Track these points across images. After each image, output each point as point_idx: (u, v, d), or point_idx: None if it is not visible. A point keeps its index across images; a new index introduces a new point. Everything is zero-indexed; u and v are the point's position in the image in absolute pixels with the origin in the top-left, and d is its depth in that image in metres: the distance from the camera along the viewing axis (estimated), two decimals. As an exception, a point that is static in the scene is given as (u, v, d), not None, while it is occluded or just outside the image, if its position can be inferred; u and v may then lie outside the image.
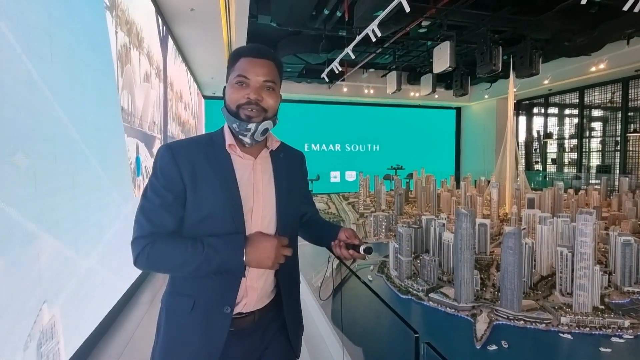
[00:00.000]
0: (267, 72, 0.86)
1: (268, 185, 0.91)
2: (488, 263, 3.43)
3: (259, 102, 0.85)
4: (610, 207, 5.70)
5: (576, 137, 9.02)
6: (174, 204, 0.82)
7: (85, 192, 2.00)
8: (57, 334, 1.63)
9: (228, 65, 0.90)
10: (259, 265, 0.79)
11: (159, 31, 4.09)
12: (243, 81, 0.84)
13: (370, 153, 11.21)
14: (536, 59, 6.25)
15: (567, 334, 2.19)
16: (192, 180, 0.83)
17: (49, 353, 1.55)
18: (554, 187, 5.21)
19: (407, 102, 10.54)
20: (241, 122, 0.84)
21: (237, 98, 0.84)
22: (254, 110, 0.84)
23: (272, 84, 0.87)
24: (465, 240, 2.61)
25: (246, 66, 0.85)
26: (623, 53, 6.44)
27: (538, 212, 3.86)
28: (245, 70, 0.84)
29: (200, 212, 0.83)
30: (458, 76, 7.93)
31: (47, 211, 1.58)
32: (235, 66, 0.86)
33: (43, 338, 1.51)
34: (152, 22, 3.75)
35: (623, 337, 2.14)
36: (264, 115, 0.86)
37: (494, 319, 2.37)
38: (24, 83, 1.43)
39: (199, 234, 0.82)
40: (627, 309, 2.51)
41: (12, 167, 1.34)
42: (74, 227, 1.85)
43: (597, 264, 3.21)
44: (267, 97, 0.86)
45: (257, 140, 0.88)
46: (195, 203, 0.83)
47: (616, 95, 8.05)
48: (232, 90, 0.85)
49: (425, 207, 6.19)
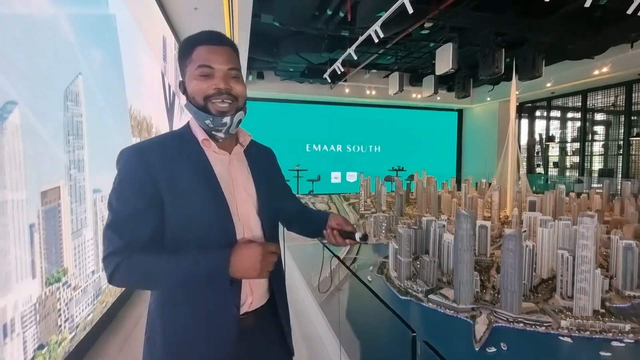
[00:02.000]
0: (230, 60, 0.80)
1: (248, 182, 0.88)
2: (488, 265, 3.41)
3: (230, 91, 0.79)
4: (612, 211, 5.66)
5: (579, 141, 8.98)
6: (147, 211, 0.74)
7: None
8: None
9: (181, 57, 0.82)
10: (244, 276, 0.74)
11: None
12: (207, 72, 0.78)
13: (371, 154, 11.19)
14: (539, 62, 6.24)
15: (567, 338, 2.17)
16: (169, 182, 0.75)
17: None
18: (556, 190, 5.18)
19: (409, 103, 10.52)
20: (215, 118, 0.79)
21: (204, 89, 0.78)
22: (225, 100, 0.78)
23: (236, 71, 0.82)
24: (465, 242, 2.60)
25: (207, 55, 0.78)
26: (626, 57, 6.42)
27: (539, 214, 3.84)
28: (207, 60, 0.78)
29: (182, 215, 0.76)
30: (460, 78, 7.93)
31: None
32: (192, 56, 0.79)
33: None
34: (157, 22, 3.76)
35: (623, 342, 2.12)
36: (236, 105, 0.81)
37: (493, 321, 2.36)
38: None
39: (184, 238, 0.76)
40: (628, 313, 2.49)
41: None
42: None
43: (598, 267, 3.20)
44: (235, 85, 0.80)
45: (231, 134, 0.84)
46: (175, 206, 0.76)
47: (619, 99, 8.01)
48: (195, 83, 0.78)
49: (426, 208, 6.18)
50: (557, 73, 7.69)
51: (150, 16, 3.57)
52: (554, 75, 7.72)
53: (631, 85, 7.64)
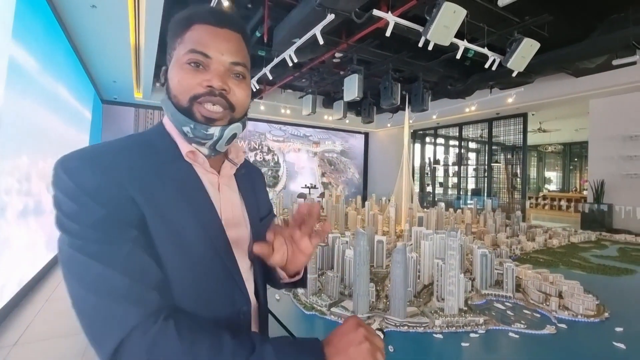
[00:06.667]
0: (236, 50, 0.58)
1: (241, 215, 0.66)
2: (384, 276, 3.84)
3: (225, 94, 0.57)
4: (478, 224, 6.95)
5: (457, 164, 10.82)
6: (140, 239, 0.50)
7: None
8: None
9: (171, 34, 0.60)
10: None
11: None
12: (199, 61, 0.56)
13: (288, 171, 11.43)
14: (426, 97, 7.37)
15: (439, 334, 2.60)
16: (153, 210, 0.52)
17: None
18: (437, 207, 6.15)
19: (322, 124, 11.18)
20: (197, 124, 0.56)
21: (191, 85, 0.56)
22: (216, 106, 0.56)
23: (242, 68, 0.59)
24: (362, 257, 2.91)
25: (204, 38, 0.56)
26: (487, 99, 8.08)
27: (423, 229, 4.50)
28: (203, 45, 0.56)
29: (177, 261, 0.53)
30: (366, 105, 8.81)
31: None
32: (184, 37, 0.57)
33: None
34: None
35: (478, 332, 2.64)
36: (230, 116, 0.59)
37: (384, 327, 2.67)
38: None
39: (178, 287, 0.53)
40: (483, 308, 3.11)
41: None
42: None
43: (465, 272, 3.90)
44: (235, 88, 0.58)
45: (218, 152, 0.61)
46: (167, 247, 0.53)
47: (484, 132, 9.98)
48: (181, 74, 0.56)
49: (335, 225, 6.59)
50: (440, 107, 9.20)
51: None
52: (438, 109, 9.21)
53: (492, 122, 9.62)
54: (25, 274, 3.15)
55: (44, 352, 2.25)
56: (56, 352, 2.26)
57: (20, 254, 2.98)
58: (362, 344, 0.48)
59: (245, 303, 0.62)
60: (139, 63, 5.57)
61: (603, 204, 7.02)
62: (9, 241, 2.71)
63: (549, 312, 2.98)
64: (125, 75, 6.15)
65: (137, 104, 8.41)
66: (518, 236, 5.90)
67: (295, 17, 4.58)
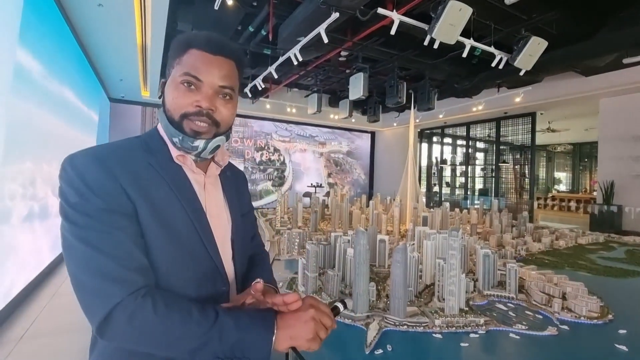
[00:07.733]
0: (225, 75, 0.67)
1: (223, 210, 0.76)
2: (385, 275, 3.83)
3: (211, 114, 0.66)
4: (484, 224, 6.88)
5: (464, 164, 10.70)
6: (130, 228, 0.59)
7: None
8: None
9: (171, 54, 0.69)
10: (296, 344, 0.58)
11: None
12: (192, 82, 0.65)
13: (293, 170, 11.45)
14: (433, 96, 7.32)
15: (438, 334, 2.59)
16: (146, 203, 0.61)
17: None
18: (442, 207, 6.10)
19: (327, 123, 11.16)
20: (185, 137, 0.66)
21: (183, 105, 0.65)
22: (203, 123, 0.66)
23: (230, 90, 0.68)
24: (362, 256, 2.90)
25: (198, 63, 0.65)
26: (495, 98, 7.97)
27: (426, 229, 4.48)
28: (196, 69, 0.65)
29: (167, 246, 0.63)
30: (372, 104, 8.78)
31: None
32: (182, 59, 0.66)
33: None
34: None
35: (478, 333, 2.62)
36: (215, 131, 0.68)
37: (383, 326, 2.67)
38: None
39: (165, 276, 0.62)
40: (484, 308, 3.08)
41: None
42: None
43: (468, 272, 3.87)
44: (221, 107, 0.67)
45: (203, 159, 0.72)
46: (158, 234, 0.62)
47: (492, 132, 9.86)
48: (176, 93, 0.65)
49: (339, 224, 6.59)
50: (446, 106, 9.11)
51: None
52: (444, 108, 9.12)
53: (499, 121, 9.49)
54: (30, 278, 3.14)
55: (48, 347, 2.31)
56: (61, 347, 2.31)
57: (24, 259, 2.98)
58: (307, 322, 0.58)
59: (224, 284, 0.71)
60: (145, 62, 5.64)
61: (613, 205, 6.89)
62: (14, 246, 2.71)
63: (552, 314, 2.95)
64: (131, 73, 6.23)
65: (144, 103, 8.52)
66: (524, 237, 5.82)
67: (300, 15, 4.59)
